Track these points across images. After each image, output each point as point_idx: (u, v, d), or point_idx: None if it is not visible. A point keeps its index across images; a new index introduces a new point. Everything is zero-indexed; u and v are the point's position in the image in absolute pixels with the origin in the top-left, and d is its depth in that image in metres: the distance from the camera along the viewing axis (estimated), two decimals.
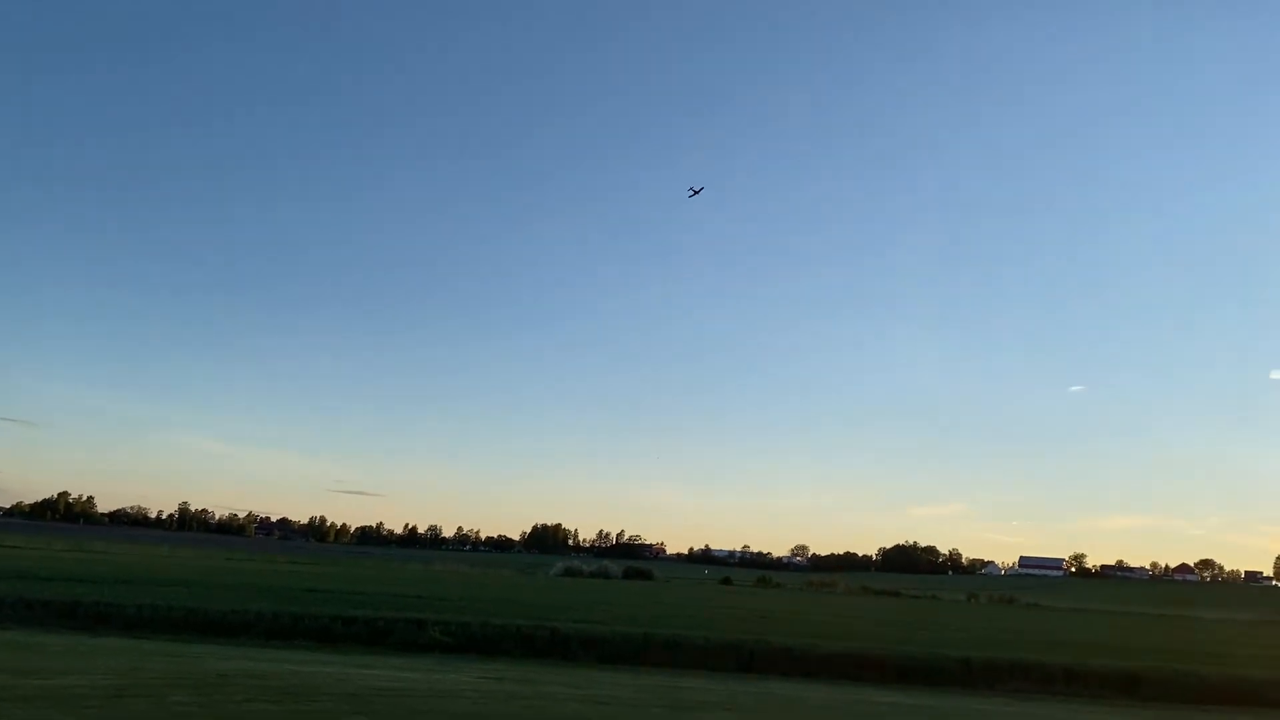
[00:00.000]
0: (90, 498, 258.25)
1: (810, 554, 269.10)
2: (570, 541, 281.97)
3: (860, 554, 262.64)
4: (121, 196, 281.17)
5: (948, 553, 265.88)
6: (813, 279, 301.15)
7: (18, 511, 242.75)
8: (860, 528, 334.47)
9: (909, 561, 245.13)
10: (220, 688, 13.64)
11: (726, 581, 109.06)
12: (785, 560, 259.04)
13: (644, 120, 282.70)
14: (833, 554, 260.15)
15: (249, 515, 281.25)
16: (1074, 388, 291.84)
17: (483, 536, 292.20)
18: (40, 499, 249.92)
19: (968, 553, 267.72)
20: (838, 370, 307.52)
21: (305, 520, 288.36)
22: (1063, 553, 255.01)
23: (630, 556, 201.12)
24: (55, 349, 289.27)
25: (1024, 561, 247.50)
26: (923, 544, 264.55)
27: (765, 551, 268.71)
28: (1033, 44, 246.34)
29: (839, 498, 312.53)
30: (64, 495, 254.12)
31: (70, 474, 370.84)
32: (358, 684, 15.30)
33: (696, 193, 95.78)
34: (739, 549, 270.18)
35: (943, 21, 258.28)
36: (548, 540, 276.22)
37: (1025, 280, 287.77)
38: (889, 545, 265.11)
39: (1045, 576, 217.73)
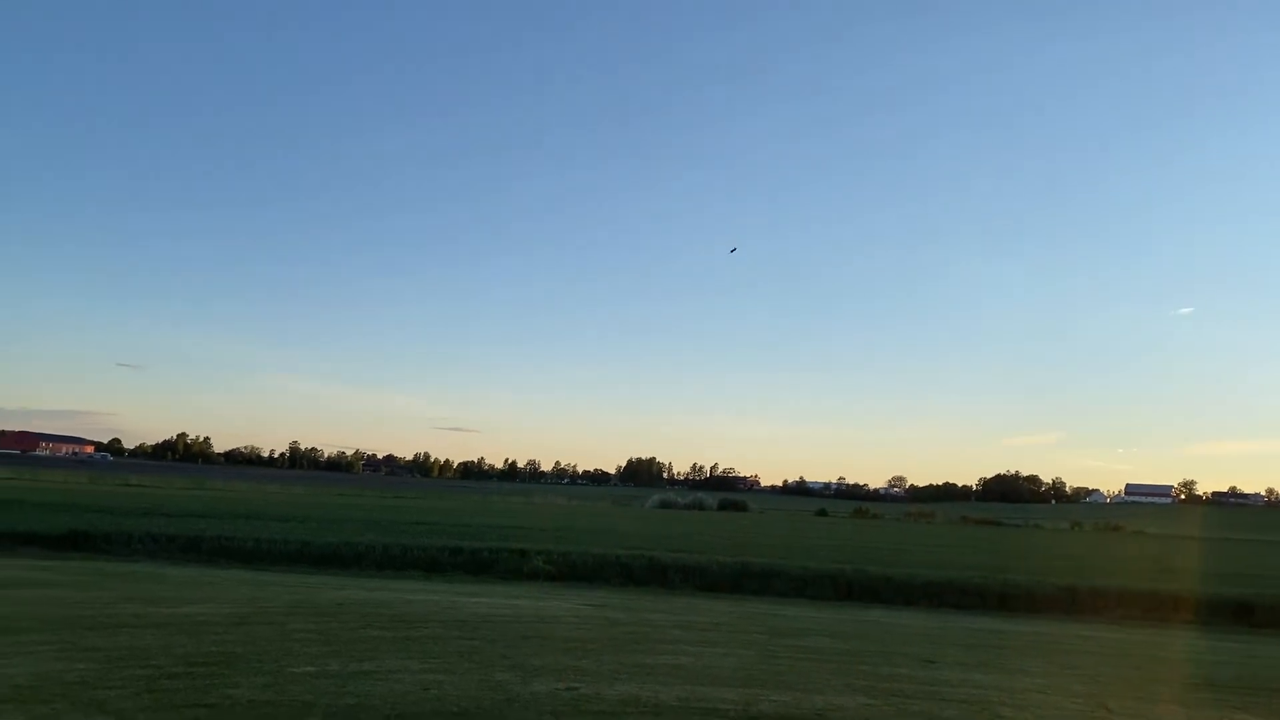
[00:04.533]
0: (207, 438, 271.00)
1: (908, 485, 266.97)
2: (665, 474, 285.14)
3: (959, 484, 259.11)
4: (220, 145, 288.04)
5: (1050, 482, 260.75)
6: (899, 205, 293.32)
7: (141, 452, 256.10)
8: (959, 458, 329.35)
9: (1009, 491, 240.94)
10: (337, 615, 14.25)
11: (822, 513, 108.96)
12: (882, 491, 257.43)
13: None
14: (931, 484, 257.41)
15: (356, 453, 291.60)
16: (1182, 310, 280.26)
17: (579, 470, 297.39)
18: (161, 440, 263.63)
19: (1071, 481, 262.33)
20: (934, 297, 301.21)
21: (410, 456, 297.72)
22: (1171, 479, 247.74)
23: (724, 489, 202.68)
24: (170, 297, 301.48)
25: (1130, 489, 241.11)
26: (1024, 473, 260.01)
27: (861, 483, 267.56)
28: None
29: (937, 427, 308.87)
30: (182, 436, 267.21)
31: (188, 416, 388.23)
32: (466, 611, 15.80)
33: (734, 251, 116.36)
34: (834, 480, 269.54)
35: None
36: (642, 473, 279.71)
37: (1128, 198, 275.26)
38: (989, 475, 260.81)
39: (1153, 504, 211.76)
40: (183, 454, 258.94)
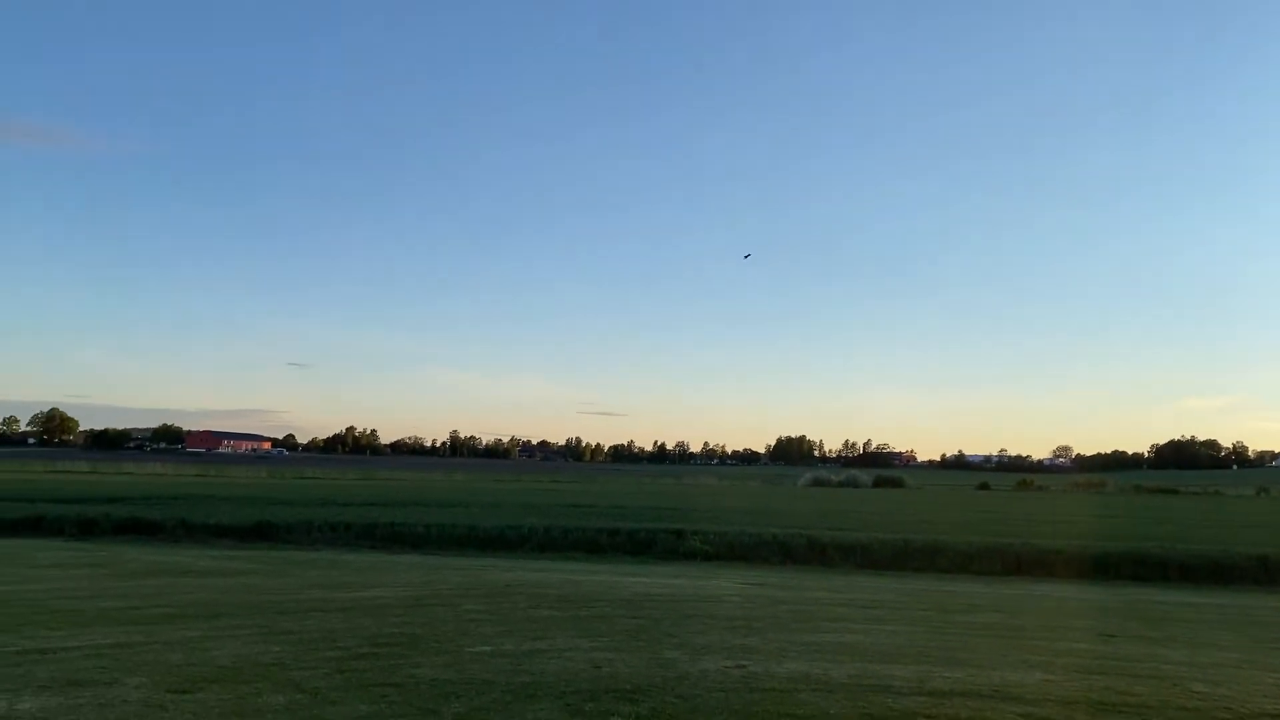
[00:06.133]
0: (373, 431, 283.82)
1: (1074, 454, 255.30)
2: (815, 452, 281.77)
3: (1130, 452, 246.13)
4: (373, 152, 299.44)
5: (1230, 446, 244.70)
6: (1056, 165, 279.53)
7: (313, 447, 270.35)
8: (1129, 424, 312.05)
9: (1187, 457, 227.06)
10: (507, 596, 14.72)
11: (984, 486, 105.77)
12: (1047, 462, 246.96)
13: None
14: (1099, 453, 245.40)
15: (512, 439, 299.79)
16: None
17: (728, 450, 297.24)
18: (331, 434, 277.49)
19: (1254, 445, 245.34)
20: (1098, 255, 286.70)
21: (562, 441, 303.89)
22: None
23: (878, 465, 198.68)
24: (334, 299, 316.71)
25: None
26: (1201, 438, 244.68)
27: (1024, 454, 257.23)
28: None
29: (1104, 393, 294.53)
30: (351, 430, 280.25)
31: (355, 411, 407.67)
32: (629, 591, 16.06)
33: (747, 257, 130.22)
34: (995, 453, 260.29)
35: None
36: (792, 452, 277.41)
37: None
38: (1162, 441, 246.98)
39: None
40: (351, 446, 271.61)
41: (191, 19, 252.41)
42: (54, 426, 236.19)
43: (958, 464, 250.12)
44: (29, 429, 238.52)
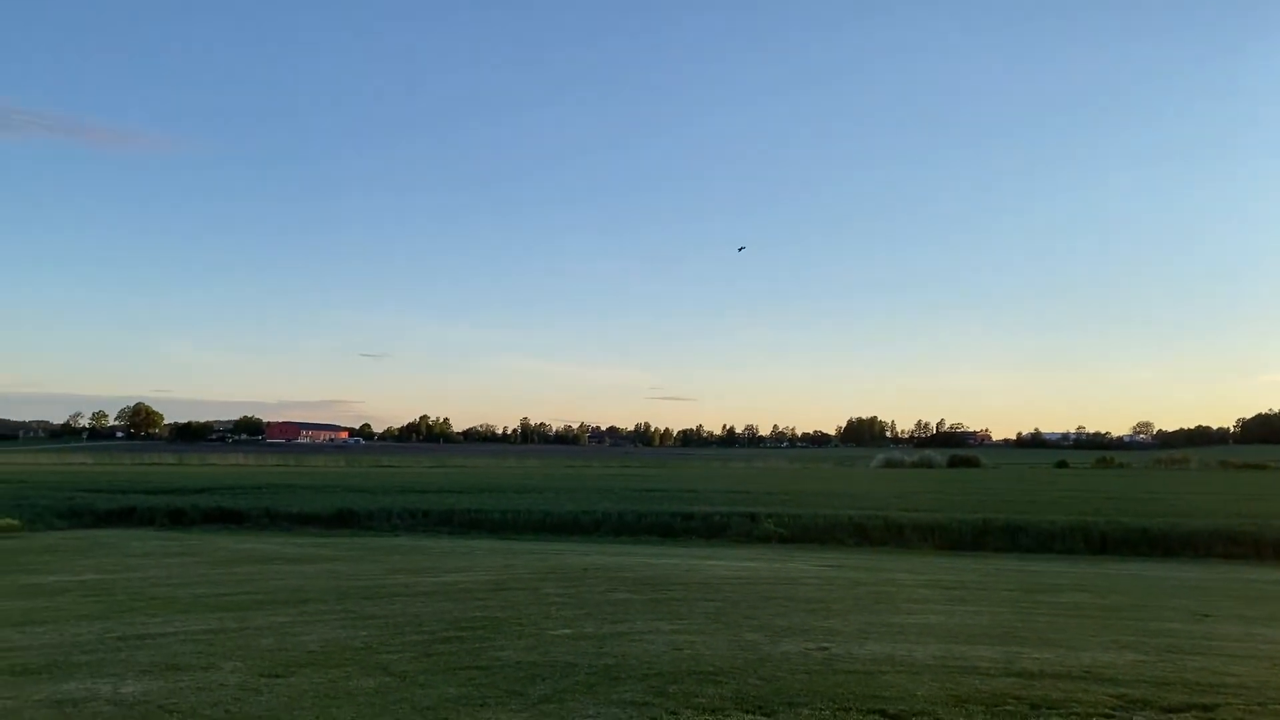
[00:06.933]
0: (446, 419, 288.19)
1: (1155, 431, 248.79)
2: (887, 434, 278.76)
3: (1215, 427, 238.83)
4: (434, 146, 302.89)
5: None
6: (1135, 128, 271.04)
7: (388, 435, 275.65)
8: (1213, 398, 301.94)
9: (1275, 431, 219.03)
10: (584, 580, 14.84)
11: (1062, 465, 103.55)
12: (1126, 439, 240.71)
13: None
14: (1181, 429, 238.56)
15: (581, 425, 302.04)
16: None
17: (798, 433, 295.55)
18: (405, 423, 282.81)
19: None
20: (1176, 222, 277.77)
21: (631, 427, 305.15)
22: None
23: (952, 445, 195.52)
24: (404, 290, 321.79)
25: None
26: None
27: (1103, 431, 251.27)
28: None
29: (1186, 366, 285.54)
30: (424, 418, 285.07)
31: (427, 399, 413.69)
32: (706, 574, 16.08)
33: (741, 250, 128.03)
34: (1073, 430, 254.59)
35: None
36: (863, 433, 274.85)
37: None
38: (1248, 415, 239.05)
39: None
40: (425, 435, 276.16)
41: (253, 20, 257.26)
42: (140, 420, 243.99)
43: (1034, 442, 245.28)
44: (116, 423, 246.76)
